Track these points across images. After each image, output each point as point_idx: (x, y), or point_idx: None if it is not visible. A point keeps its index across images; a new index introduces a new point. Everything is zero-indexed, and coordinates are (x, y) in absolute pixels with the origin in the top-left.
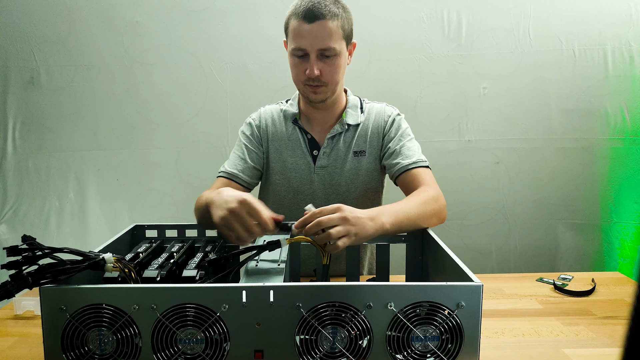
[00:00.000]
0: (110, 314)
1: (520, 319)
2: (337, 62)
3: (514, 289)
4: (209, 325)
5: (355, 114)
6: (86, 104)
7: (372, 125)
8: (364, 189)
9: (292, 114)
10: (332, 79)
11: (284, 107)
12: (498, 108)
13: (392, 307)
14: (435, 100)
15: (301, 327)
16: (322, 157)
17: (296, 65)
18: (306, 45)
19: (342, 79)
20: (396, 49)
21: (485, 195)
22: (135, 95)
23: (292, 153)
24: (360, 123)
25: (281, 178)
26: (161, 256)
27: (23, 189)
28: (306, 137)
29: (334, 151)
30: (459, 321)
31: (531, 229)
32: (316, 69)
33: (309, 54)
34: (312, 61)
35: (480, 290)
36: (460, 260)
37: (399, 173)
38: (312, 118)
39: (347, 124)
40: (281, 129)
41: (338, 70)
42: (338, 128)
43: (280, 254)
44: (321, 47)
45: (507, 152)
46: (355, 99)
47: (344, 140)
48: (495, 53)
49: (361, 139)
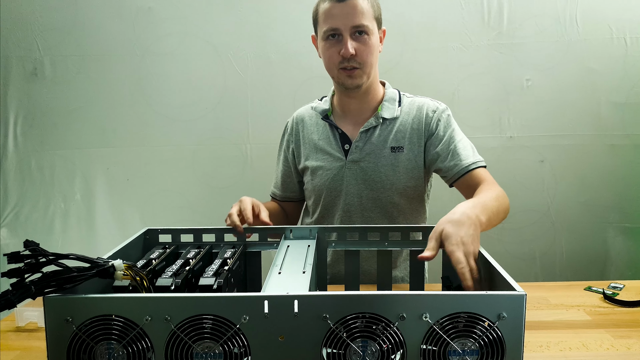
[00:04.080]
0: (120, 326)
1: (567, 331)
2: (371, 42)
3: (560, 299)
4: (228, 338)
5: (392, 107)
6: (94, 97)
7: (413, 120)
8: (402, 187)
9: (322, 110)
10: (367, 59)
11: (315, 105)
12: (542, 102)
13: (427, 318)
14: (474, 93)
15: (328, 340)
16: (354, 151)
17: (329, 48)
18: (339, 24)
19: (376, 65)
20: (431, 38)
21: (528, 196)
22: (147, 88)
23: (324, 150)
24: (398, 117)
25: (315, 177)
26: (176, 263)
27: (25, 190)
28: (337, 132)
29: (367, 145)
30: (500, 334)
31: (579, 233)
32: (351, 47)
33: (342, 34)
34: (346, 40)
35: (524, 300)
36: (501, 267)
37: (460, 175)
38: (347, 111)
39: (383, 118)
40: (312, 128)
41: (372, 51)
42: (372, 121)
43: (306, 258)
44: (354, 24)
45: (552, 150)
46: (394, 92)
47: (379, 134)
48: (539, 42)
49: (400, 134)
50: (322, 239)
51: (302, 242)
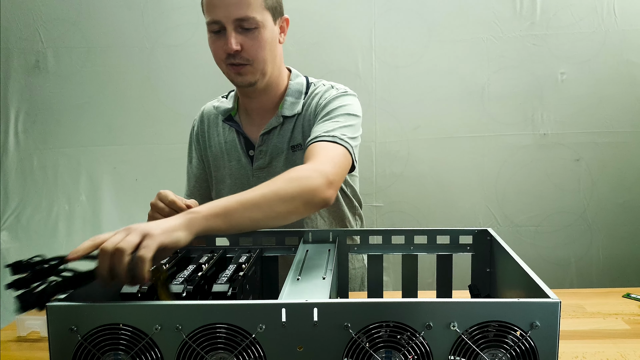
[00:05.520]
0: (128, 336)
1: (605, 341)
2: (261, 36)
3: (596, 307)
4: (243, 348)
5: (297, 102)
6: (100, 92)
7: (311, 111)
8: None
9: (224, 110)
10: (256, 56)
11: (217, 103)
12: (578, 97)
13: (455, 327)
14: (506, 87)
15: (350, 350)
16: (259, 157)
17: (214, 42)
18: (220, 16)
19: (277, 58)
20: (460, 28)
21: (563, 197)
22: (157, 82)
23: (229, 157)
24: (301, 112)
25: (223, 187)
26: (187, 268)
27: (27, 191)
28: (241, 136)
29: (270, 149)
30: (533, 344)
31: (617, 237)
32: (235, 42)
33: (226, 27)
34: (229, 34)
35: (558, 307)
36: (534, 273)
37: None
38: (250, 110)
39: (283, 116)
40: (217, 130)
41: (263, 45)
42: (273, 122)
43: (327, 264)
44: (238, 16)
45: (588, 148)
46: (299, 83)
47: (281, 135)
48: (574, 33)
49: (298, 130)
50: (343, 243)
51: (321, 246)
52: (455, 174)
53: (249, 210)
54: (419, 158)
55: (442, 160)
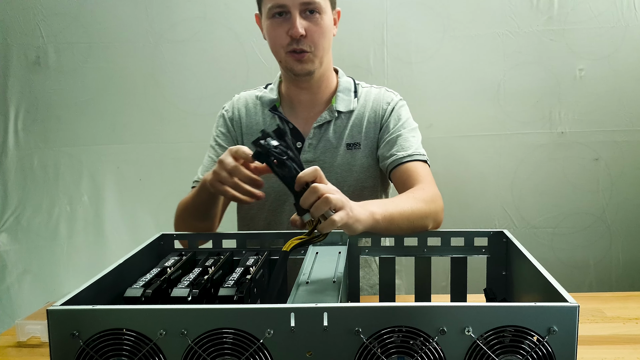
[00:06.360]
0: (131, 341)
1: (625, 346)
2: (324, 22)
3: (616, 311)
4: (251, 354)
5: (348, 98)
6: (103, 89)
7: (369, 113)
8: (358, 187)
9: (269, 100)
10: (319, 42)
11: (260, 93)
12: (597, 94)
13: (470, 332)
14: (522, 84)
15: (361, 356)
16: (308, 150)
17: (276, 28)
18: (287, 0)
19: (330, 50)
20: (474, 23)
21: (581, 198)
22: (162, 79)
23: None
24: (354, 110)
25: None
26: (193, 272)
27: (27, 191)
28: (287, 127)
29: (322, 143)
30: (550, 349)
31: (637, 239)
32: (300, 27)
33: (291, 12)
34: (294, 18)
35: (576, 312)
36: (551, 276)
37: (393, 167)
38: (297, 103)
39: (338, 111)
40: (257, 119)
41: (325, 32)
42: (326, 115)
43: (337, 266)
44: (304, 0)
45: (608, 147)
46: (348, 82)
47: (334, 130)
48: (593, 28)
49: (356, 129)
50: (354, 245)
51: (332, 248)
52: (469, 174)
53: (403, 220)
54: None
55: (456, 160)
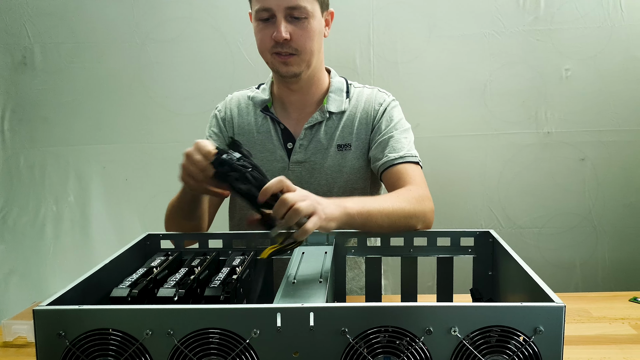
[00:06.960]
0: (118, 341)
1: (611, 346)
2: (310, 26)
3: (602, 311)
4: (237, 354)
5: (340, 99)
6: (89, 89)
7: (361, 114)
8: (348, 188)
9: (261, 100)
10: (304, 46)
11: (252, 94)
12: (583, 94)
13: (456, 332)
14: (508, 84)
15: (347, 356)
16: (298, 151)
17: (261, 30)
18: (272, 4)
19: (320, 52)
20: (461, 23)
21: (567, 198)
22: (147, 79)
23: (262, 147)
24: (346, 111)
25: None
26: (179, 272)
27: (13, 191)
28: (279, 128)
29: (312, 144)
30: (536, 349)
31: (623, 239)
32: (285, 31)
33: (276, 15)
34: (279, 21)
35: (562, 312)
36: (537, 276)
37: (384, 168)
38: (288, 104)
39: (329, 112)
40: (249, 119)
41: (311, 36)
42: (318, 116)
43: (323, 266)
44: (289, 4)
45: (594, 147)
46: (340, 82)
47: (325, 131)
48: (579, 28)
49: (347, 130)
50: (340, 245)
51: (318, 248)
52: (456, 174)
53: (382, 217)
54: None
55: (443, 160)
